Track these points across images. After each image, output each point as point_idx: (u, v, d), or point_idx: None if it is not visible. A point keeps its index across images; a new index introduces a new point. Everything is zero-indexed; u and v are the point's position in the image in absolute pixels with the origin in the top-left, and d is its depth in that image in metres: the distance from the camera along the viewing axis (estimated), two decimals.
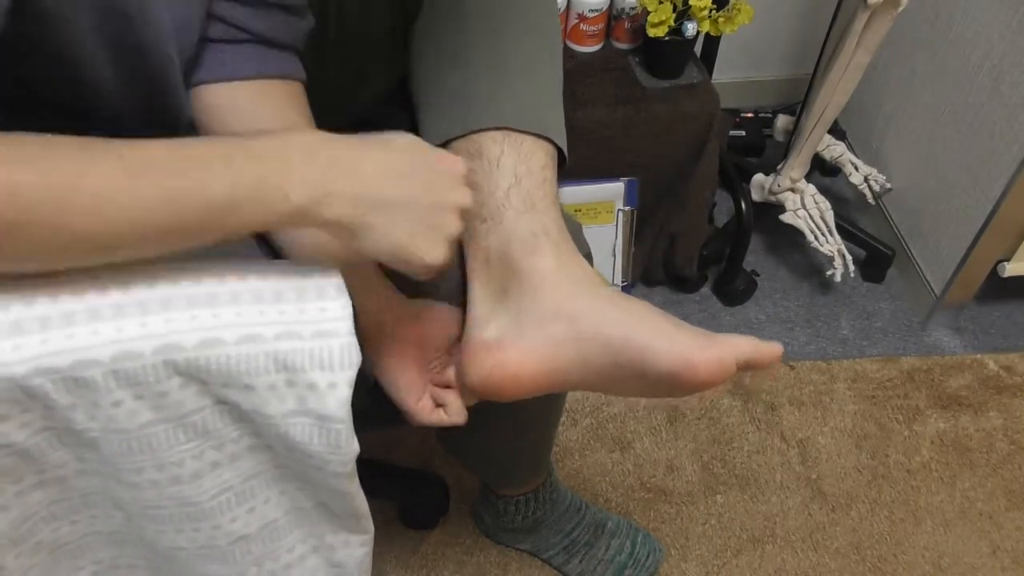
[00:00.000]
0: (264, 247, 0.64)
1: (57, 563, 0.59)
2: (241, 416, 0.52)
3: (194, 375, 0.50)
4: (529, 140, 0.66)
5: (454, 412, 0.66)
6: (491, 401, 0.64)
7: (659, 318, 0.60)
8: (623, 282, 1.39)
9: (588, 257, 0.73)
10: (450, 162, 0.55)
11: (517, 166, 0.64)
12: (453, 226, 0.54)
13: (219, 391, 0.51)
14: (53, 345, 0.47)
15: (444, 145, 0.66)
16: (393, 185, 0.51)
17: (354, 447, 0.52)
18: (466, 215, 0.56)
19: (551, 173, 0.66)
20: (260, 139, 0.48)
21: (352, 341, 0.51)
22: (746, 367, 0.57)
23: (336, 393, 0.51)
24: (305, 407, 0.51)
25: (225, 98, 0.61)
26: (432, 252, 0.53)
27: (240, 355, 0.49)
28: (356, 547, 0.63)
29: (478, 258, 0.64)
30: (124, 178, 0.44)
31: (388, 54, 0.76)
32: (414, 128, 0.71)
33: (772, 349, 0.57)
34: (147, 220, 0.44)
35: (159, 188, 0.44)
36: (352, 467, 0.54)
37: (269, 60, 0.63)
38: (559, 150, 0.69)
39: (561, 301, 0.61)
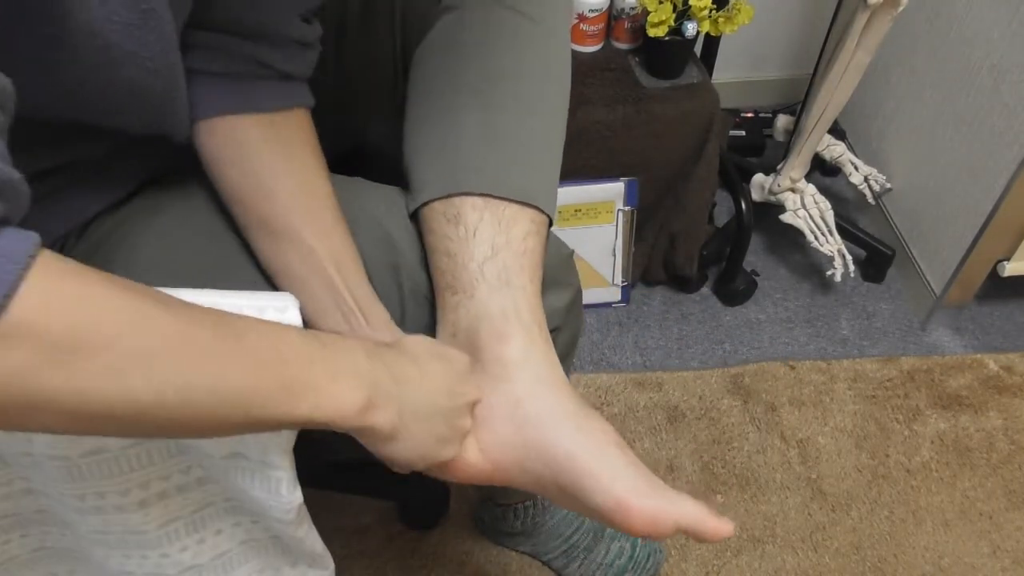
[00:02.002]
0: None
1: (9, 575, 0.58)
2: (187, 448, 0.51)
3: None
4: (512, 208, 0.61)
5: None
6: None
7: (613, 447, 0.55)
8: (623, 282, 1.39)
9: (577, 294, 0.70)
10: (458, 359, 0.57)
11: (496, 237, 0.60)
12: (467, 424, 0.56)
13: None
14: None
15: (424, 206, 0.63)
16: (428, 393, 0.53)
17: (296, 496, 0.50)
18: (474, 406, 0.57)
19: (534, 242, 0.62)
20: (326, 338, 0.49)
21: None
22: (686, 533, 0.53)
23: (278, 440, 0.49)
24: (246, 450, 0.49)
25: (232, 129, 0.61)
26: (446, 452, 0.55)
27: None
28: None
29: (446, 329, 0.61)
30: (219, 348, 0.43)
31: (389, 73, 0.74)
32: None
33: (719, 527, 0.53)
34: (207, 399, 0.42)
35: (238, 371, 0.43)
36: (295, 515, 0.52)
37: (284, 92, 0.63)
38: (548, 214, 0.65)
39: (518, 399, 0.57)
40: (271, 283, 0.63)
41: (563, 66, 0.70)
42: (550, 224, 0.65)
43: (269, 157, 0.61)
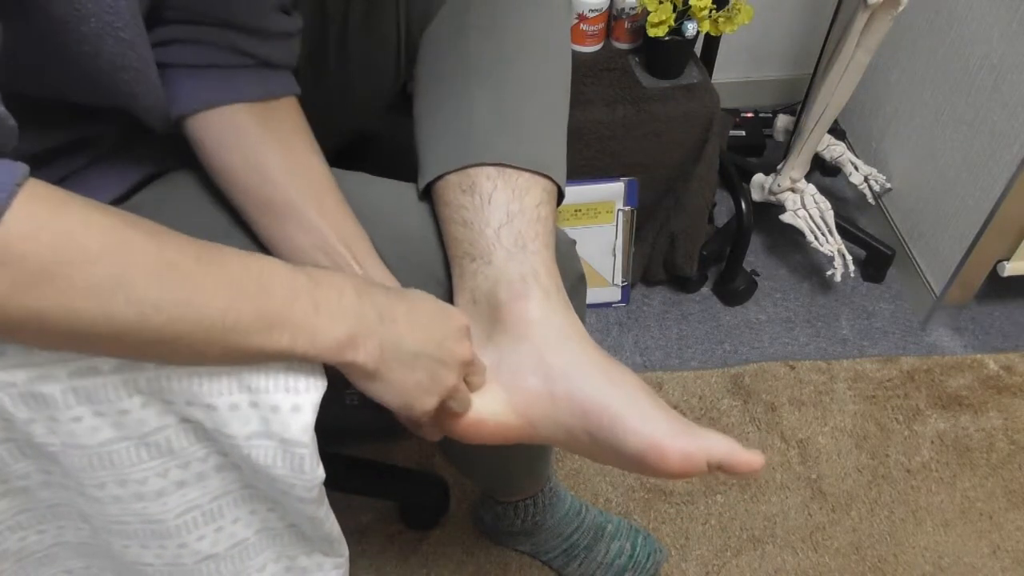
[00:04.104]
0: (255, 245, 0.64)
1: (24, 571, 0.59)
2: (206, 435, 0.51)
3: (156, 394, 0.49)
4: (525, 176, 0.63)
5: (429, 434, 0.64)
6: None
7: (640, 392, 0.57)
8: (623, 282, 1.39)
9: (580, 279, 0.71)
10: (458, 318, 0.57)
11: (510, 204, 0.62)
12: (451, 380, 0.55)
13: (183, 409, 0.50)
14: (11, 360, 0.46)
15: (439, 179, 0.64)
16: (415, 338, 0.53)
17: (319, 473, 0.51)
18: (464, 368, 0.57)
19: (546, 211, 0.64)
20: (314, 272, 0.50)
21: (318, 365, 0.50)
22: (718, 469, 0.54)
23: (300, 417, 0.49)
24: (268, 429, 0.50)
25: (227, 117, 0.61)
26: (426, 403, 0.54)
27: (202, 375, 0.48)
28: (330, 570, 0.62)
29: (465, 296, 0.62)
30: (194, 270, 0.44)
31: (392, 62, 0.75)
32: (413, 147, 0.70)
33: (750, 458, 0.54)
34: (196, 318, 0.44)
35: (223, 288, 0.45)
36: (318, 492, 0.53)
37: (270, 81, 0.64)
38: (558, 185, 0.67)
39: (543, 354, 0.58)
40: None
41: (566, 46, 0.73)
42: (560, 198, 0.67)
43: (265, 141, 0.62)
